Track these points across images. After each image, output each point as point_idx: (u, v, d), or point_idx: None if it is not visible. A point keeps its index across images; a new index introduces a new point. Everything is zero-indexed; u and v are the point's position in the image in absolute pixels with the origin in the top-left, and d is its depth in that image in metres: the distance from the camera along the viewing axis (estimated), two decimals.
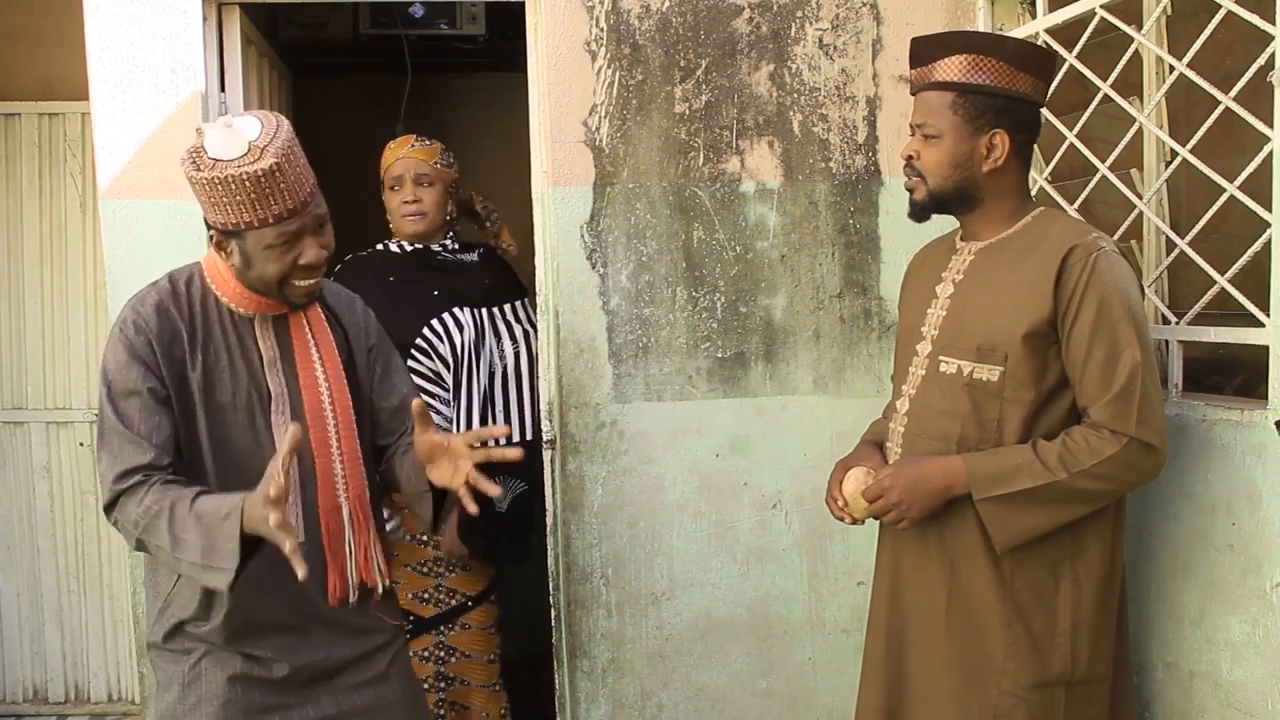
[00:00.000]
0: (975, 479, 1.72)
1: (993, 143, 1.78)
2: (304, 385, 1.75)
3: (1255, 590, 1.74)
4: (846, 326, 2.60)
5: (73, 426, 3.24)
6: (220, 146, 1.61)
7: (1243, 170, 1.80)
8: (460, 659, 2.62)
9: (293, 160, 1.63)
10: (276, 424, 1.71)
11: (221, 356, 1.70)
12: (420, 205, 2.60)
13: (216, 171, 1.59)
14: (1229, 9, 1.81)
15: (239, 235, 1.63)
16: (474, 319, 2.60)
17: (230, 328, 1.73)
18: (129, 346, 1.65)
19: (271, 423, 1.72)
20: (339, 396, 1.78)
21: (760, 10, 2.54)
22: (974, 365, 1.77)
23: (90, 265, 3.21)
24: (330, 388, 1.78)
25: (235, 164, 1.59)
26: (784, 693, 2.64)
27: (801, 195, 2.57)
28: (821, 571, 2.62)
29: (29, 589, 3.26)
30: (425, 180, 2.61)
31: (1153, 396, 1.67)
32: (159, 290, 1.72)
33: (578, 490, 2.54)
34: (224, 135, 1.62)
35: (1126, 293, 1.68)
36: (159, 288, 1.73)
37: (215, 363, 1.69)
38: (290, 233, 1.64)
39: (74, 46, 2.56)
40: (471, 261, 2.69)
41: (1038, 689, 1.73)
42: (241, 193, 1.59)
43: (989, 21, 2.54)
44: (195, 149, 1.63)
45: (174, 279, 1.75)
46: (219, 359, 1.70)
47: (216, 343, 1.71)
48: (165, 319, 1.68)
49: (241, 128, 1.62)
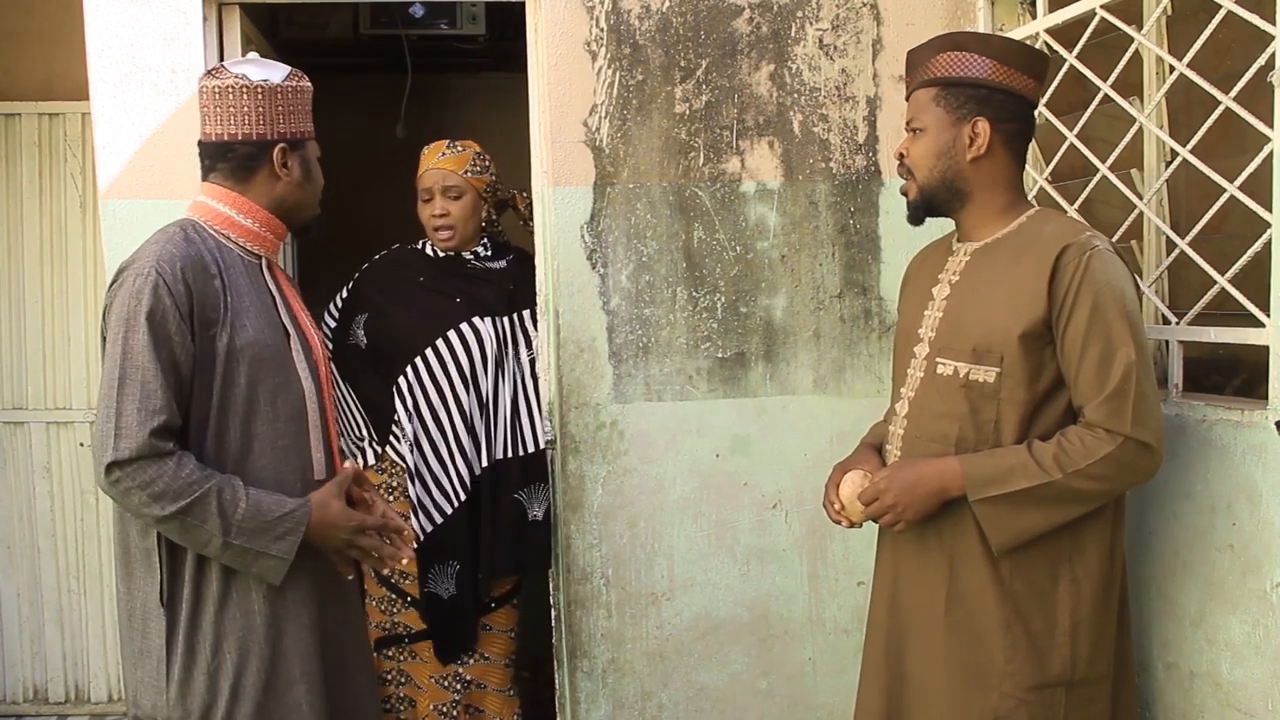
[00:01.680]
0: (971, 480, 1.72)
1: (975, 130, 1.78)
2: (304, 325, 1.85)
3: (1255, 590, 1.74)
4: (847, 327, 2.60)
5: (73, 426, 3.24)
6: (265, 71, 1.75)
7: (1243, 170, 1.80)
8: (480, 660, 2.62)
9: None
10: (297, 359, 1.80)
11: (245, 297, 1.74)
12: (448, 219, 2.56)
13: (291, 81, 1.75)
14: (1229, 9, 1.81)
15: (301, 144, 1.79)
16: (495, 328, 2.58)
17: (243, 270, 1.77)
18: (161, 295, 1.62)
19: (293, 358, 1.79)
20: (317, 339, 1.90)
21: (760, 10, 2.54)
22: (970, 366, 1.77)
23: (90, 265, 3.21)
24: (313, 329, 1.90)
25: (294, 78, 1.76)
26: (784, 693, 2.64)
27: (802, 195, 2.57)
28: (821, 571, 2.62)
29: (29, 589, 3.26)
30: (453, 192, 2.56)
31: (1148, 395, 1.67)
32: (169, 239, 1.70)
33: (578, 490, 2.54)
34: (257, 65, 1.76)
35: (1121, 291, 1.68)
36: (168, 237, 1.70)
37: (242, 303, 1.73)
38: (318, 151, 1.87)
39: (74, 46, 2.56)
40: (500, 268, 2.66)
41: (1038, 690, 1.73)
42: (306, 103, 1.79)
43: (989, 22, 2.54)
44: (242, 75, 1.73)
45: (174, 230, 1.73)
46: (243, 299, 1.73)
47: (240, 285, 1.74)
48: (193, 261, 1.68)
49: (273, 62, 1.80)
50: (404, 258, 2.66)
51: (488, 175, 2.63)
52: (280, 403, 1.74)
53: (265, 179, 1.78)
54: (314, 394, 1.81)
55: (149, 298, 1.62)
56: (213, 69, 1.77)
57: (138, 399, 1.60)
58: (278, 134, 1.75)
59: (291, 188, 1.79)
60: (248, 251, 1.80)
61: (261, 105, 1.73)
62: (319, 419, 1.82)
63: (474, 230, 2.62)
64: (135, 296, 1.62)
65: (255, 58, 1.80)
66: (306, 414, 1.79)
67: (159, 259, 1.65)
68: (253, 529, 1.64)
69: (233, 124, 1.74)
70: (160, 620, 1.69)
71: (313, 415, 1.80)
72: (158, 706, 1.69)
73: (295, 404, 1.76)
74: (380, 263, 2.67)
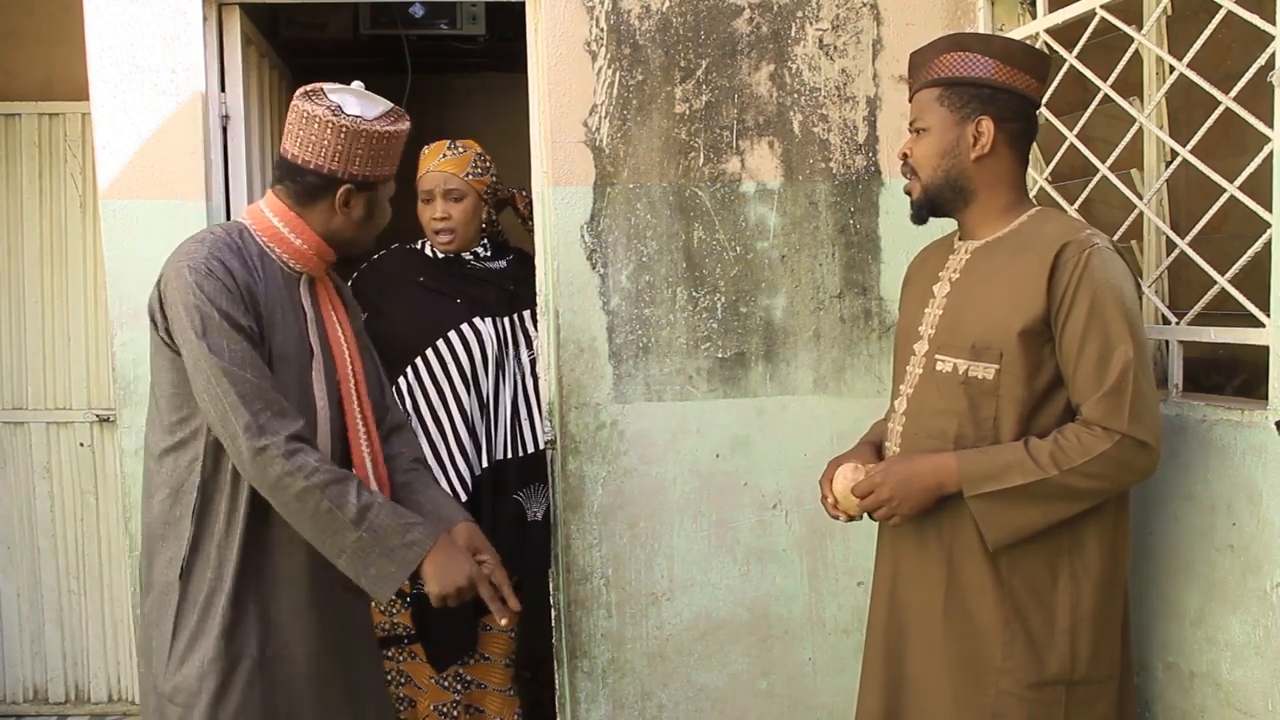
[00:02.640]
0: (966, 476, 1.72)
1: (979, 130, 1.78)
2: (334, 345, 1.84)
3: (1256, 590, 1.74)
4: (847, 327, 2.60)
5: (73, 426, 3.24)
6: (359, 107, 1.75)
7: (1243, 170, 1.80)
8: (480, 661, 2.62)
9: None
10: (316, 381, 1.80)
11: (277, 310, 1.75)
12: (449, 223, 2.55)
13: (380, 126, 1.73)
14: (1229, 9, 1.81)
15: (373, 188, 1.78)
16: (495, 329, 2.58)
17: (281, 283, 1.78)
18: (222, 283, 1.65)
19: (313, 380, 1.79)
20: (355, 360, 1.89)
21: (760, 10, 2.54)
22: (969, 363, 1.77)
23: (90, 265, 3.21)
24: (349, 350, 1.88)
25: (388, 120, 1.76)
26: (784, 693, 2.64)
27: (802, 195, 2.57)
28: (821, 571, 2.62)
29: (29, 589, 3.26)
30: (455, 195, 2.55)
31: (1146, 393, 1.66)
32: (224, 242, 1.73)
33: (578, 490, 2.54)
34: (359, 98, 1.76)
35: (1120, 289, 1.68)
36: (220, 240, 1.73)
37: (274, 314, 1.74)
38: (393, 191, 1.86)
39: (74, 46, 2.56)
40: (500, 269, 2.66)
41: (1036, 688, 1.73)
42: (390, 147, 1.77)
43: (989, 22, 2.54)
44: (334, 107, 1.72)
45: (227, 232, 1.76)
46: (275, 311, 1.74)
47: (274, 295, 1.75)
48: (242, 265, 1.71)
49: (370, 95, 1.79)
50: (404, 258, 2.66)
51: (489, 177, 2.62)
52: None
53: (325, 210, 1.78)
54: (328, 416, 1.80)
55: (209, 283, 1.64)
56: (310, 89, 1.75)
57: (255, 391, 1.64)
58: (349, 175, 1.74)
59: (349, 225, 1.79)
60: (288, 266, 1.80)
61: (342, 142, 1.71)
62: (331, 441, 1.81)
63: (475, 232, 2.61)
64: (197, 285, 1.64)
65: (359, 88, 1.77)
66: (317, 432, 1.79)
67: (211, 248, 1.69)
68: (383, 526, 1.66)
69: (309, 150, 1.73)
70: (175, 592, 1.72)
71: (323, 434, 1.80)
72: (158, 675, 1.74)
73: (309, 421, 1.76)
74: (379, 263, 2.66)
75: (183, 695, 1.71)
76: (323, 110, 1.71)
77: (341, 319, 1.89)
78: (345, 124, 1.70)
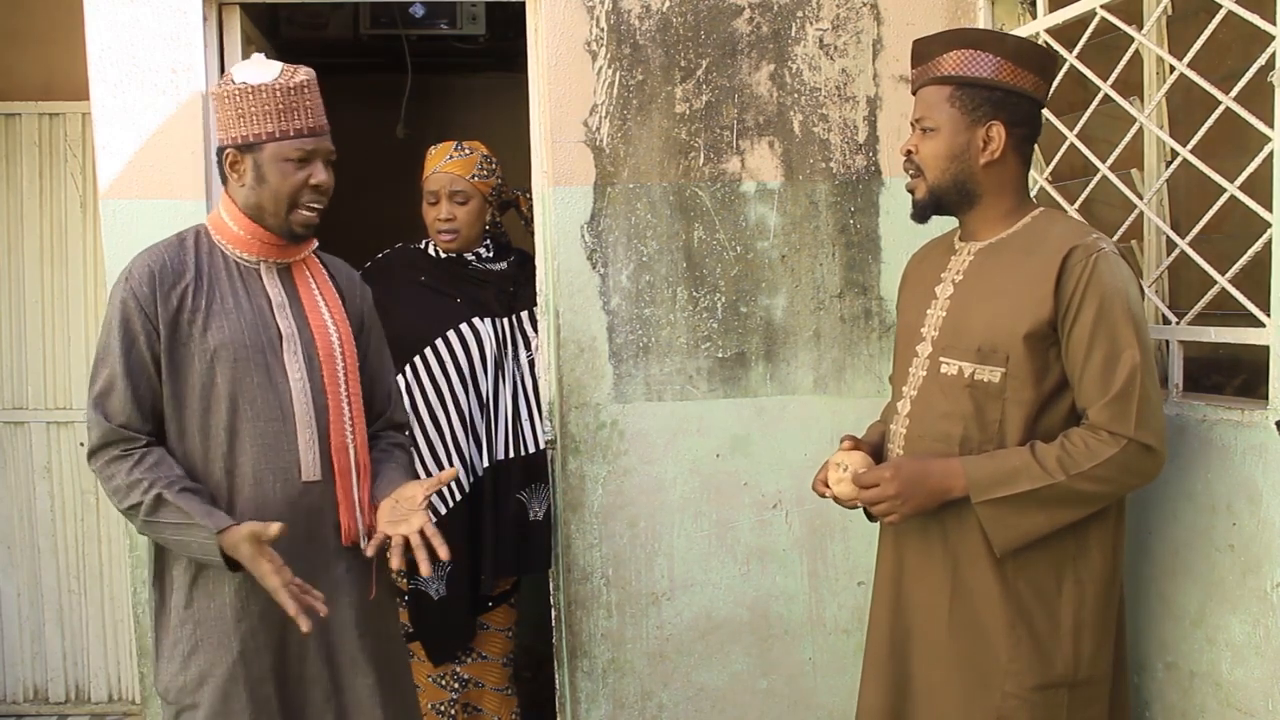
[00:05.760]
0: (973, 482, 1.71)
1: (989, 135, 1.77)
2: (314, 327, 1.85)
3: (1256, 590, 1.74)
4: (847, 326, 2.60)
5: (73, 426, 3.24)
6: (251, 72, 1.74)
7: (1243, 170, 1.80)
8: (477, 659, 2.62)
9: (316, 88, 1.78)
10: (289, 362, 1.81)
11: (227, 299, 1.78)
12: (454, 224, 2.56)
13: (249, 80, 1.72)
14: (1229, 9, 1.81)
15: (257, 149, 1.74)
16: (494, 329, 2.58)
17: (236, 274, 1.81)
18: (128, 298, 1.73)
19: (285, 361, 1.80)
20: (347, 341, 1.89)
21: (760, 10, 2.54)
22: (975, 366, 1.76)
23: (90, 265, 3.21)
24: (339, 331, 1.88)
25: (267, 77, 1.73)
26: (784, 693, 2.64)
27: (802, 195, 2.57)
28: (822, 571, 2.62)
29: (29, 589, 3.26)
30: (460, 197, 2.55)
31: (1152, 398, 1.66)
32: (163, 244, 1.81)
33: (578, 490, 2.54)
34: (256, 65, 1.76)
35: (1126, 294, 1.68)
36: (164, 241, 1.82)
37: (220, 305, 1.77)
38: (307, 150, 1.76)
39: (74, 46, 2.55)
40: (501, 270, 2.66)
41: (1041, 690, 1.73)
42: (271, 102, 1.72)
43: (989, 21, 2.54)
44: (223, 79, 1.76)
45: (181, 235, 1.84)
46: (224, 302, 1.78)
47: (222, 288, 1.78)
48: (165, 267, 1.76)
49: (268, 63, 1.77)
50: (407, 257, 2.66)
51: (494, 179, 2.62)
52: (261, 402, 1.77)
53: (233, 185, 1.81)
54: (307, 394, 1.81)
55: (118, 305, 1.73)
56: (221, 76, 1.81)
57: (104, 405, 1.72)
58: (231, 140, 1.76)
59: (246, 192, 1.78)
60: (241, 257, 1.82)
61: (224, 109, 1.75)
62: (312, 419, 1.81)
63: (478, 233, 2.61)
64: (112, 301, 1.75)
65: (257, 59, 1.79)
66: (294, 414, 1.79)
67: (132, 268, 1.76)
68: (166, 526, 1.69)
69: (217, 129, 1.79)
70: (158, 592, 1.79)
71: (302, 415, 1.80)
72: (154, 674, 1.80)
73: (279, 404, 1.78)
74: (383, 261, 2.67)
75: (173, 694, 1.74)
76: (215, 88, 1.77)
77: (331, 302, 1.90)
78: (223, 90, 1.74)
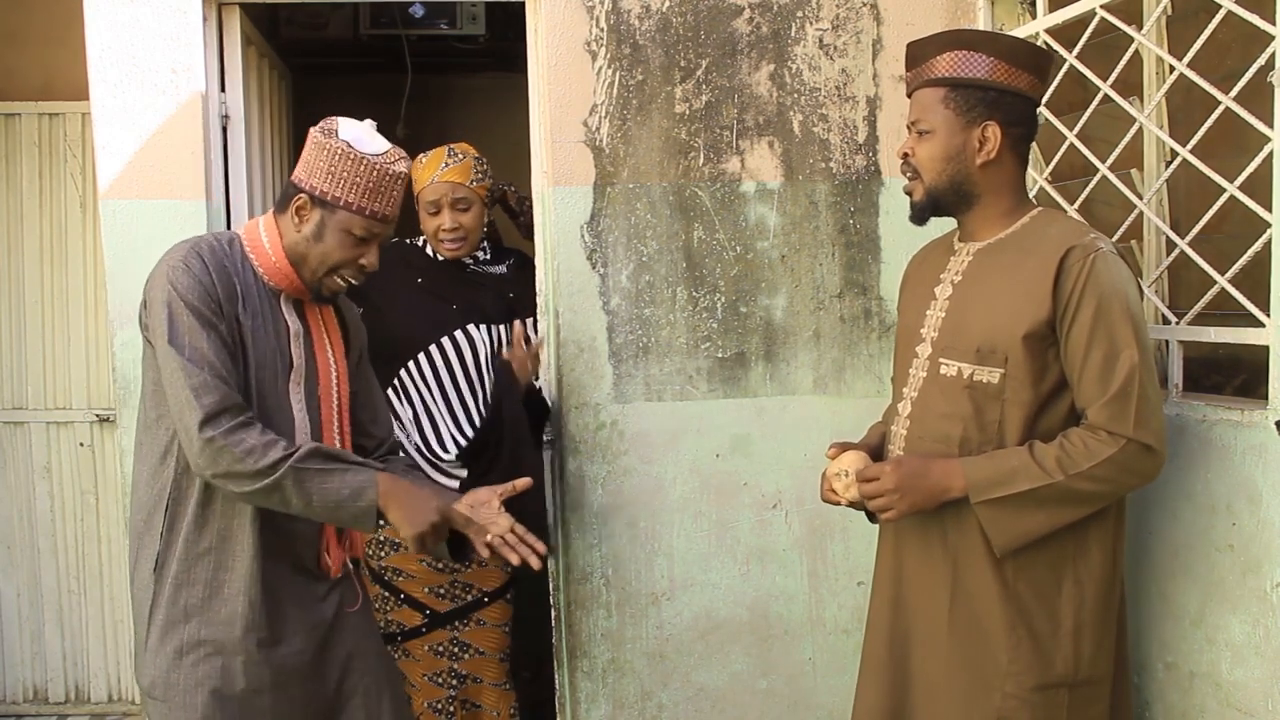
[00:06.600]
0: (972, 482, 1.71)
1: (985, 135, 1.77)
2: (320, 362, 1.86)
3: (1255, 590, 1.74)
4: (847, 327, 2.60)
5: (73, 426, 3.24)
6: (358, 135, 1.77)
7: (1243, 170, 1.80)
8: (474, 655, 2.61)
9: (405, 182, 1.81)
10: (293, 391, 1.82)
11: (258, 317, 1.78)
12: (459, 232, 2.52)
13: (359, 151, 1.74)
14: (1229, 9, 1.81)
15: (330, 208, 1.76)
16: (490, 336, 2.56)
17: (263, 294, 1.81)
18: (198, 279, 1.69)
19: (289, 389, 1.81)
20: (343, 380, 1.92)
21: (760, 10, 2.54)
22: (974, 367, 1.76)
23: (90, 265, 3.21)
24: (337, 369, 1.90)
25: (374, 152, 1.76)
26: (784, 693, 2.64)
27: (802, 195, 2.57)
28: (821, 571, 2.62)
29: (29, 589, 3.26)
30: (462, 205, 2.51)
31: (1151, 397, 1.66)
32: (207, 244, 1.77)
33: (578, 490, 2.54)
34: (365, 132, 1.78)
35: (1125, 294, 1.68)
36: (206, 241, 1.78)
37: (254, 321, 1.77)
38: (370, 234, 1.79)
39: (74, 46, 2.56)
40: (499, 273, 2.64)
41: (1041, 690, 1.73)
42: (365, 176, 1.75)
43: (989, 21, 2.54)
44: (329, 130, 1.76)
45: (216, 238, 1.81)
46: (255, 319, 1.78)
47: (254, 304, 1.78)
48: (221, 267, 1.75)
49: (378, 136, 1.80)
50: (404, 255, 2.64)
51: (489, 180, 2.61)
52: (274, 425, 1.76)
53: (288, 222, 1.80)
54: (306, 426, 1.82)
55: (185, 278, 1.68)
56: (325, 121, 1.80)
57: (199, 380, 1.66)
58: (310, 186, 1.76)
59: (299, 239, 1.78)
60: (265, 281, 1.82)
61: (318, 157, 1.75)
62: None
63: (480, 236, 2.61)
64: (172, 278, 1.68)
65: (367, 127, 1.80)
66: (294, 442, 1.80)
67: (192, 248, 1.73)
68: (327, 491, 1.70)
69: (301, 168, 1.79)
70: (151, 588, 1.75)
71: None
72: (138, 669, 1.79)
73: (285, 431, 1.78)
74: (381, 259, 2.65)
75: (159, 689, 1.74)
76: (315, 131, 1.77)
77: (335, 342, 1.91)
78: (326, 142, 1.75)
